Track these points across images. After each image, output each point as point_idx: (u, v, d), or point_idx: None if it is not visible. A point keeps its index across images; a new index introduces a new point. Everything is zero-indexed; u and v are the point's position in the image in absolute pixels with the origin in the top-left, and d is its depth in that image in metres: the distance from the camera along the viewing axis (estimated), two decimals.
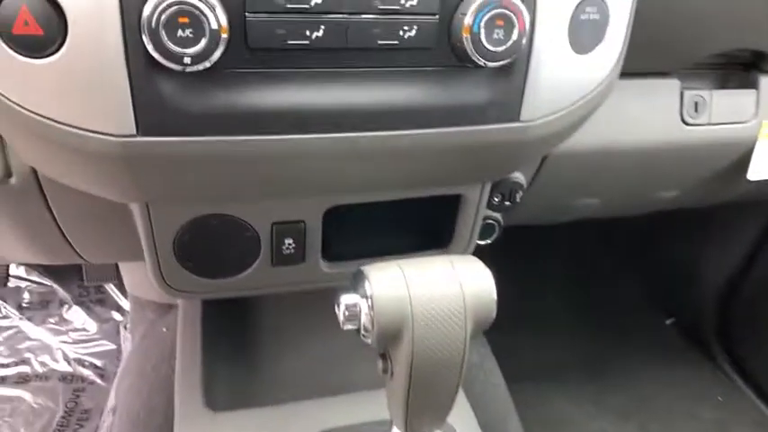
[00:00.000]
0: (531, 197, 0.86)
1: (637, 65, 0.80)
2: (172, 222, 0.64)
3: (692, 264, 1.62)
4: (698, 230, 1.58)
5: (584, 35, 0.58)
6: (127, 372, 1.15)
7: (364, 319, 0.54)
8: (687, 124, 0.88)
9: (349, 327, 0.56)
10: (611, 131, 0.84)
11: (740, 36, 0.83)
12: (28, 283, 1.69)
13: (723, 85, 0.92)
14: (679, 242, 1.66)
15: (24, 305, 1.67)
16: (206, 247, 0.67)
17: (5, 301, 1.66)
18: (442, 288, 0.54)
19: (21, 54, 0.46)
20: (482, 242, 0.88)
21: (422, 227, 0.76)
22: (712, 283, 1.56)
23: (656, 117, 0.86)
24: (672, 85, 0.87)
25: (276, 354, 0.96)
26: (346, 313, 0.55)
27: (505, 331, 0.88)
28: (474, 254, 0.81)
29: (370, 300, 0.53)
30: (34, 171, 0.66)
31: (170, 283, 0.70)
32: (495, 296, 0.56)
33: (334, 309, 0.56)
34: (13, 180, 0.66)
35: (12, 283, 1.67)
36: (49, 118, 0.49)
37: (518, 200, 0.83)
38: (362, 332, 0.55)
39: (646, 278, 1.79)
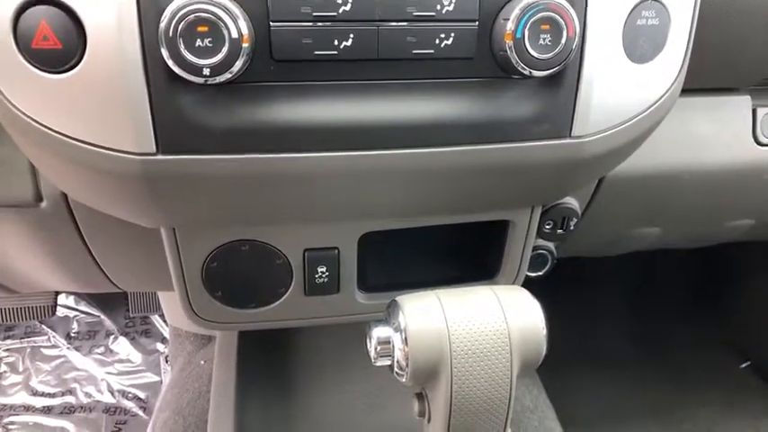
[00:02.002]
0: (586, 225, 0.80)
1: (702, 80, 0.74)
2: (200, 249, 0.61)
3: None
4: None
5: (641, 42, 0.53)
6: (164, 406, 1.12)
7: (398, 354, 0.49)
8: (761, 144, 0.80)
9: (381, 363, 0.50)
10: (674, 152, 0.77)
11: None
12: (76, 313, 1.72)
13: None
14: (756, 274, 1.52)
15: (72, 335, 1.69)
16: (235, 275, 0.64)
17: (54, 330, 1.68)
18: (485, 321, 0.48)
19: (39, 69, 0.45)
20: (533, 274, 0.81)
21: (466, 256, 0.71)
22: None
23: (726, 137, 0.79)
24: (742, 102, 0.79)
25: (312, 391, 0.91)
26: (378, 348, 0.50)
27: (560, 371, 0.81)
28: (522, 286, 0.75)
29: (404, 333, 0.48)
30: (64, 196, 0.65)
31: (199, 314, 0.67)
32: (544, 330, 0.49)
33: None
34: (43, 204, 0.65)
35: (61, 312, 1.70)
36: (66, 135, 0.47)
37: (572, 228, 0.76)
38: (396, 369, 0.50)
39: (717, 314, 1.64)
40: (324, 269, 0.64)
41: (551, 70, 0.48)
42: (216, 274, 0.63)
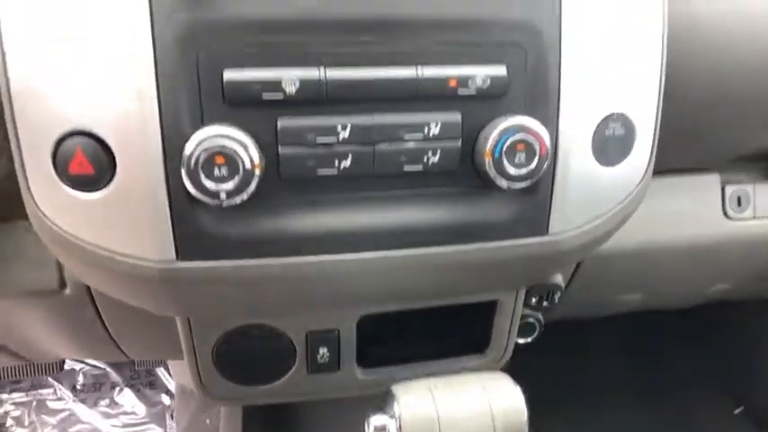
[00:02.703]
0: (570, 295, 0.85)
1: (674, 162, 0.80)
2: (211, 334, 0.67)
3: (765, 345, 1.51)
4: None
5: (609, 150, 0.59)
6: None
7: None
8: (730, 219, 0.86)
9: None
10: (649, 229, 0.83)
11: None
12: (82, 365, 1.75)
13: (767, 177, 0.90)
14: (749, 320, 1.55)
15: (78, 387, 1.72)
16: (243, 355, 0.69)
17: (60, 383, 1.72)
18: (472, 409, 0.53)
19: (75, 189, 0.51)
20: (522, 341, 0.87)
21: (458, 331, 0.76)
22: None
23: (698, 213, 0.85)
24: (712, 180, 0.86)
25: None
26: None
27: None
28: (515, 351, 0.80)
29: (398, 421, 0.53)
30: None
31: (209, 390, 0.72)
32: (525, 415, 0.55)
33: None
34: (67, 291, 0.71)
35: (67, 364, 1.74)
36: (97, 245, 0.53)
37: (556, 300, 0.82)
38: None
39: (709, 360, 1.68)
40: (325, 349, 0.69)
41: (527, 182, 0.54)
42: (226, 354, 0.68)
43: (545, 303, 0.82)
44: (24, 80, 0.49)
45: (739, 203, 0.86)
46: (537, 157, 0.53)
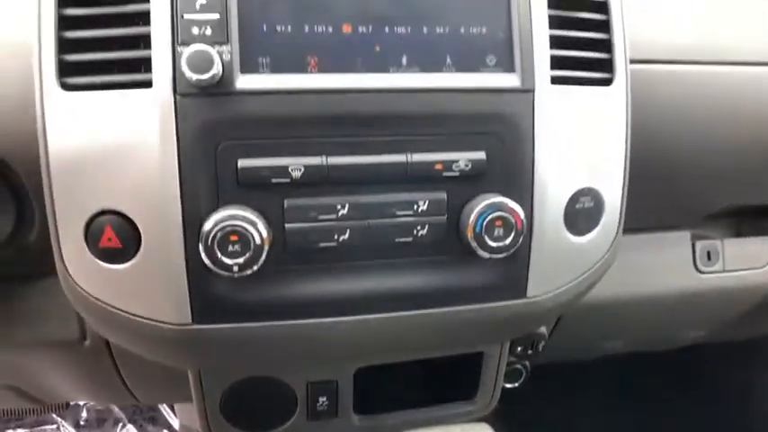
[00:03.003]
0: (554, 343, 0.91)
1: (647, 221, 0.87)
2: (219, 384, 0.73)
3: (749, 390, 1.55)
4: (753, 355, 1.52)
5: (580, 221, 0.66)
6: None
7: None
8: (701, 272, 0.93)
9: None
10: (626, 282, 0.89)
11: (744, 194, 0.89)
12: (86, 401, 1.79)
13: (736, 231, 0.97)
14: (733, 366, 1.59)
15: (82, 423, 1.76)
16: (249, 403, 0.75)
17: (64, 419, 1.76)
18: None
19: (103, 261, 0.57)
20: (510, 385, 0.92)
21: (448, 380, 0.82)
22: None
23: (670, 267, 0.92)
24: (682, 237, 0.92)
25: None
26: None
27: None
28: (505, 395, 0.85)
29: None
30: None
31: None
32: None
33: None
34: (87, 342, 0.77)
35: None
36: (120, 309, 0.59)
37: (540, 349, 0.88)
38: None
39: (696, 405, 1.71)
40: (324, 398, 0.75)
41: (505, 254, 0.61)
42: (232, 402, 0.74)
43: (530, 351, 0.88)
44: (64, 163, 0.56)
45: (709, 257, 0.93)
46: (513, 232, 0.60)
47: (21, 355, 0.80)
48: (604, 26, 0.66)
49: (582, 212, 0.66)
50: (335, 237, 0.59)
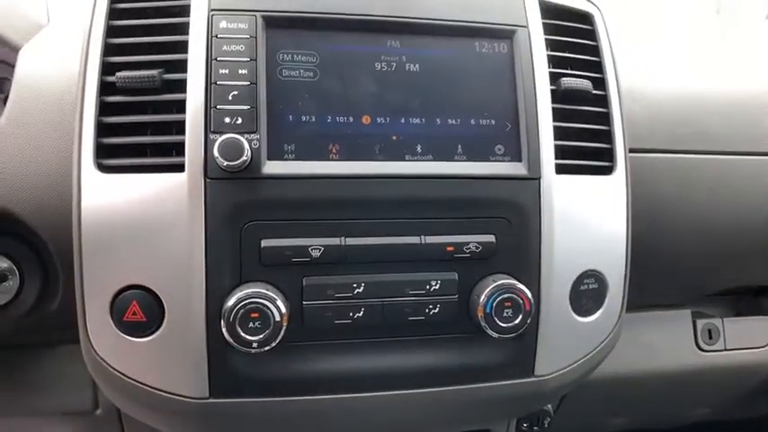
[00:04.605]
0: (558, 420, 0.92)
1: (649, 299, 0.89)
2: None
3: None
4: None
5: (585, 302, 0.68)
6: None
7: None
8: (703, 350, 0.94)
9: None
10: (627, 361, 0.91)
11: (743, 275, 0.92)
12: None
13: (735, 310, 1.00)
14: None
15: None
16: None
17: None
18: None
19: (126, 334, 0.59)
20: None
21: None
22: None
23: (672, 345, 0.93)
24: (683, 315, 0.95)
25: None
26: None
27: None
28: None
29: None
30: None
31: None
32: None
33: None
34: (98, 411, 0.77)
35: None
36: (139, 382, 0.61)
37: (546, 425, 0.88)
38: None
39: None
40: None
41: (514, 334, 0.63)
42: None
43: (536, 428, 0.88)
44: (95, 240, 0.59)
45: (710, 336, 0.95)
46: (522, 312, 0.63)
47: (33, 423, 0.81)
48: (605, 118, 0.71)
49: (586, 293, 0.68)
50: (351, 314, 0.62)
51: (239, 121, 0.59)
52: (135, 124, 0.61)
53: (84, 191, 0.59)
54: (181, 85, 0.60)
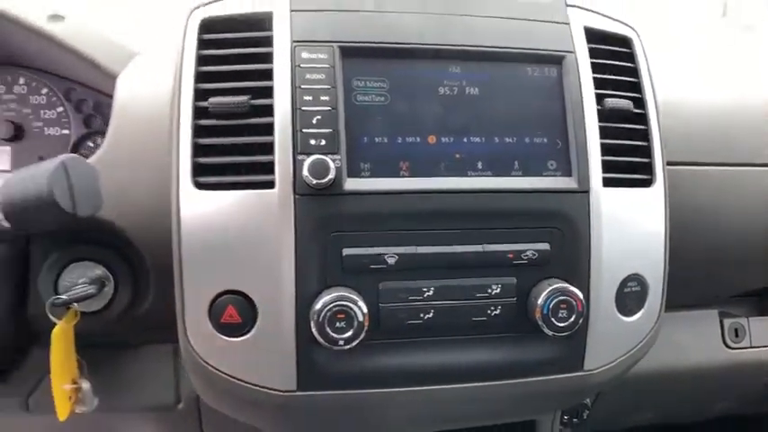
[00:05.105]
0: (594, 414, 0.98)
1: (679, 301, 0.96)
2: None
3: None
4: None
5: (628, 303, 0.75)
6: None
7: None
8: (730, 348, 1.01)
9: None
10: (658, 357, 0.96)
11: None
12: None
13: (759, 310, 1.06)
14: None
15: None
16: None
17: None
18: None
19: (222, 334, 0.66)
20: None
21: None
22: None
23: (700, 342, 1.00)
24: (711, 314, 1.01)
25: None
26: None
27: None
28: None
29: None
30: (197, 399, 0.84)
31: None
32: None
33: None
34: (180, 405, 0.84)
35: None
36: (233, 377, 0.68)
37: (585, 418, 0.95)
38: None
39: None
40: None
41: (568, 333, 0.70)
42: None
43: (575, 420, 0.95)
44: (194, 250, 0.66)
45: (737, 334, 1.01)
46: (575, 313, 0.69)
47: (119, 418, 0.88)
48: (644, 135, 0.78)
49: (630, 295, 0.75)
50: (421, 315, 0.69)
51: (323, 142, 0.66)
52: (226, 145, 0.68)
53: (183, 207, 0.66)
54: (267, 110, 0.67)
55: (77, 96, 0.90)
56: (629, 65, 0.79)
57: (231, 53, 0.69)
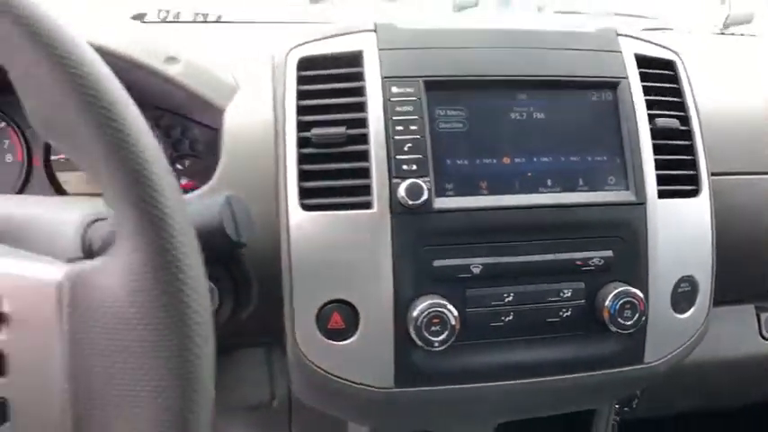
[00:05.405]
0: (641, 403, 1.07)
1: (720, 298, 1.04)
2: None
3: None
4: None
5: (681, 302, 0.84)
6: None
7: None
8: (766, 339, 1.09)
9: None
10: (701, 349, 1.05)
11: None
12: None
13: None
14: None
15: None
16: None
17: None
18: None
19: (328, 339, 0.75)
20: None
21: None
22: None
23: (737, 335, 1.08)
24: (749, 309, 1.10)
25: None
26: None
27: None
28: None
29: None
30: (289, 398, 0.93)
31: None
32: None
33: None
34: (274, 403, 0.93)
35: None
36: (337, 376, 0.76)
37: (634, 406, 1.04)
38: None
39: None
40: None
41: (632, 330, 0.78)
42: None
43: (625, 409, 1.04)
44: (303, 266, 0.75)
45: None
46: (638, 312, 0.78)
47: (220, 419, 0.96)
48: (690, 150, 0.86)
49: (683, 295, 0.84)
50: (502, 318, 0.77)
51: (414, 167, 0.75)
52: (326, 170, 0.76)
53: (292, 226, 0.75)
54: (362, 139, 0.76)
55: (165, 123, 0.98)
56: (674, 86, 0.88)
57: (327, 88, 0.78)
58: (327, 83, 0.78)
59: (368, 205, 0.75)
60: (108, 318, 0.42)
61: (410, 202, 0.73)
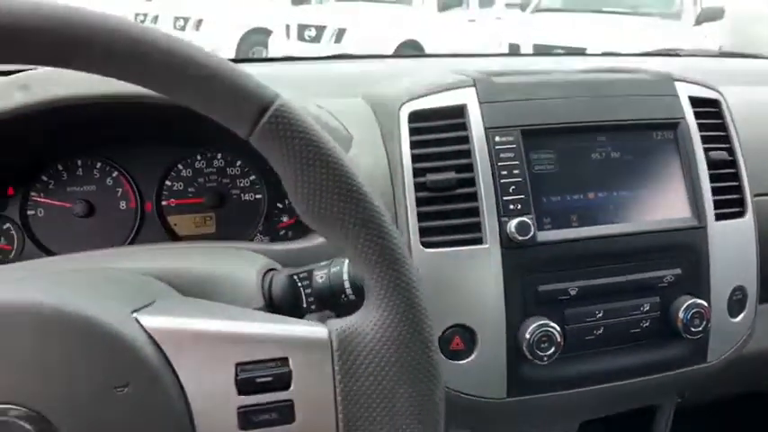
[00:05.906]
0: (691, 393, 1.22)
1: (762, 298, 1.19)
2: None
3: None
4: None
5: (735, 308, 0.98)
6: None
7: None
8: None
9: None
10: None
11: None
12: None
13: None
14: None
15: None
16: None
17: None
18: None
19: (450, 359, 0.87)
20: None
21: (631, 426, 1.12)
22: None
23: None
24: None
25: None
26: None
27: None
28: None
29: None
30: None
31: None
32: None
33: None
34: None
35: None
36: (457, 391, 0.88)
37: (686, 396, 1.19)
38: None
39: None
40: None
41: (700, 335, 0.92)
42: None
43: (679, 400, 1.18)
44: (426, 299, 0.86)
45: None
46: (705, 320, 0.92)
47: None
48: (735, 176, 1.00)
49: (736, 302, 0.98)
50: (594, 332, 0.90)
51: (519, 206, 0.87)
52: (441, 211, 0.88)
53: (415, 262, 0.86)
54: (470, 182, 0.87)
55: (264, 165, 1.08)
56: (719, 121, 1.02)
57: (436, 138, 0.89)
58: (436, 133, 0.89)
59: (479, 241, 0.86)
60: (369, 360, 0.53)
61: (519, 238, 0.85)
